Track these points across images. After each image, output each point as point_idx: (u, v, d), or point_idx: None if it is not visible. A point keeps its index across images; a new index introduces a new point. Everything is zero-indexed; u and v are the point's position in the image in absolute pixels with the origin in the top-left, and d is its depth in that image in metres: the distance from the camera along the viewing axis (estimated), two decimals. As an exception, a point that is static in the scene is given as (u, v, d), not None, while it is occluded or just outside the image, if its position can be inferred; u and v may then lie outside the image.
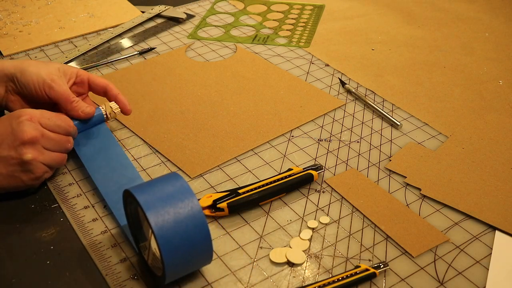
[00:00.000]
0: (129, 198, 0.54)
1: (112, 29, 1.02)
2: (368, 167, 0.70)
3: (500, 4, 1.13)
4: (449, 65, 0.92)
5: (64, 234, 0.61)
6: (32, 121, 0.61)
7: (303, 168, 0.67)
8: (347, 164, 0.70)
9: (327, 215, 0.63)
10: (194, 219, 0.50)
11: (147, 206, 0.49)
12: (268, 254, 0.58)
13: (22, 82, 0.68)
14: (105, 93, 0.73)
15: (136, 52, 0.94)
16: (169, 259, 0.49)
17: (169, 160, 0.71)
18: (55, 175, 0.68)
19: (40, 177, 0.63)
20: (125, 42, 0.99)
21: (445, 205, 0.64)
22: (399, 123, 0.77)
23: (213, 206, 0.62)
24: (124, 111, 0.72)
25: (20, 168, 0.61)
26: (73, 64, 0.92)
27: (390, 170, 0.69)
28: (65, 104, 0.68)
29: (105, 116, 0.70)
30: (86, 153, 0.68)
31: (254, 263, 0.57)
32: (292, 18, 1.08)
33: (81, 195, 0.65)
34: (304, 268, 0.57)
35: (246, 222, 0.62)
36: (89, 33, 1.01)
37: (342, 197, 0.65)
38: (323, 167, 0.70)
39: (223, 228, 0.61)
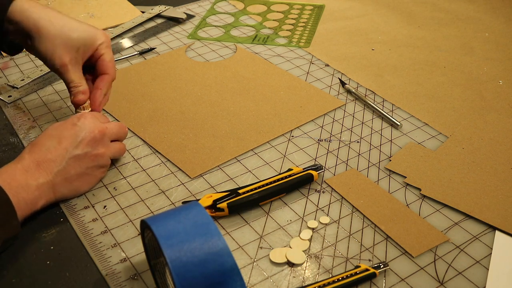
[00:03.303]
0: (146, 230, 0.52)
1: (112, 29, 1.02)
2: (368, 167, 0.70)
3: (500, 4, 1.13)
4: (449, 65, 0.92)
5: (64, 234, 0.61)
6: (94, 118, 0.65)
7: (303, 168, 0.67)
8: (347, 164, 0.70)
9: (327, 215, 0.63)
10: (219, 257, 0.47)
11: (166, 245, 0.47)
12: (268, 254, 0.58)
13: (36, 48, 0.67)
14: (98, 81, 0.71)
15: (136, 52, 0.94)
16: None
17: (169, 160, 0.71)
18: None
19: (106, 171, 0.67)
20: (125, 42, 0.99)
21: (445, 205, 0.64)
22: (399, 123, 0.77)
23: (213, 206, 0.62)
24: (93, 106, 0.71)
25: (94, 164, 0.64)
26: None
27: (390, 170, 0.69)
28: (67, 87, 0.69)
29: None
30: None
31: (254, 263, 0.57)
32: (292, 18, 1.08)
33: (81, 195, 0.65)
34: (304, 268, 0.57)
35: (246, 222, 0.62)
36: (89, 33, 1.01)
37: (342, 197, 0.65)
38: (323, 167, 0.70)
39: (223, 228, 0.61)
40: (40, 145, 0.61)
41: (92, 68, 0.72)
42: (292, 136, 0.75)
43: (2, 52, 0.94)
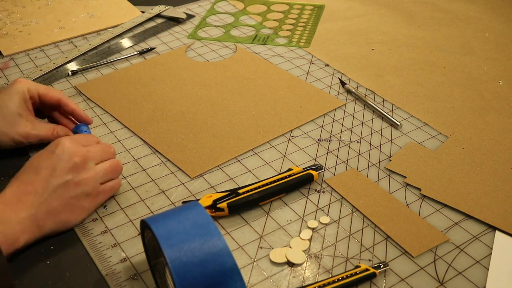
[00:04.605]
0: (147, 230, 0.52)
1: (112, 29, 1.02)
2: (368, 167, 0.70)
3: (500, 4, 1.13)
4: (449, 65, 0.92)
5: (64, 234, 0.61)
6: (73, 143, 0.60)
7: (303, 168, 0.67)
8: (347, 164, 0.70)
9: (327, 215, 0.63)
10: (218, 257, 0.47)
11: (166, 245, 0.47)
12: (268, 254, 0.58)
13: None
14: (59, 107, 0.71)
15: (136, 52, 0.94)
16: None
17: (169, 160, 0.71)
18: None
19: (100, 200, 0.62)
20: (125, 42, 0.99)
21: (445, 205, 0.64)
22: (399, 123, 0.77)
23: (213, 206, 0.62)
24: (87, 122, 0.72)
25: (78, 192, 0.59)
26: (73, 64, 0.92)
27: (390, 170, 0.69)
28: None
29: None
30: None
31: (254, 263, 0.57)
32: (292, 18, 1.08)
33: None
34: (304, 268, 0.57)
35: (246, 222, 0.62)
36: (89, 33, 1.01)
37: (342, 197, 0.65)
38: (323, 167, 0.70)
39: (223, 228, 0.61)
40: (20, 179, 0.58)
41: (45, 108, 0.72)
42: (292, 136, 0.75)
43: (2, 52, 0.94)
